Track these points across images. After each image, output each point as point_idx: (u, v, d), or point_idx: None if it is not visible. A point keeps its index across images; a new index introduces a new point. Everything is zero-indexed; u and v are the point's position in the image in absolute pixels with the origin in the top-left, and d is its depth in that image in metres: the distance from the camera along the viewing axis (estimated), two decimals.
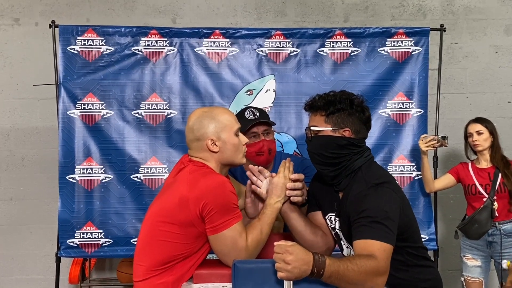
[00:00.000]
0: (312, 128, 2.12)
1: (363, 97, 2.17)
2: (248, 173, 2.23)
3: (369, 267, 1.78)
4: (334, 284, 1.76)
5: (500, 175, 3.72)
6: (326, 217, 2.21)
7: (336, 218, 2.14)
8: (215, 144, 2.10)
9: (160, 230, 2.00)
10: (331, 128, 2.09)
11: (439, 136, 3.72)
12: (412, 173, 3.82)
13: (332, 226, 2.18)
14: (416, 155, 3.82)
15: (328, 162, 2.11)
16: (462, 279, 3.80)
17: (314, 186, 2.30)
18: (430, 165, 3.81)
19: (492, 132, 3.80)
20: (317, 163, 2.15)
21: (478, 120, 3.85)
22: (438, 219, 4.11)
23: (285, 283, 1.68)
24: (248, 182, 2.24)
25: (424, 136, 3.72)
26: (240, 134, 2.17)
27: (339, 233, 2.15)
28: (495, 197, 3.69)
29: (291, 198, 2.18)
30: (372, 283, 1.78)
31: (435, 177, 3.88)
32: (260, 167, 2.24)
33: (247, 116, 2.72)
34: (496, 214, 3.67)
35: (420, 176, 3.81)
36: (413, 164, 3.83)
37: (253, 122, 2.68)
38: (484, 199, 3.70)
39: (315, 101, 2.13)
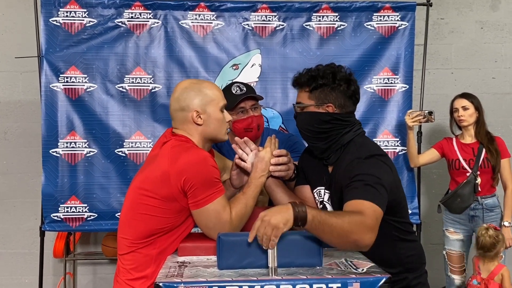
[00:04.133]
0: (297, 104, 2.14)
1: (350, 69, 2.15)
2: (233, 145, 2.23)
3: (355, 218, 1.76)
4: (318, 233, 1.73)
5: (484, 150, 3.76)
6: (315, 191, 2.21)
7: (326, 191, 2.15)
8: (199, 116, 2.08)
9: (142, 203, 1.99)
10: (314, 104, 2.09)
11: (426, 111, 3.74)
12: (396, 148, 3.84)
13: (321, 199, 2.18)
14: (400, 130, 3.85)
15: (317, 137, 2.11)
16: (444, 252, 3.86)
17: (303, 160, 2.30)
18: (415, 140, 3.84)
19: (478, 107, 3.82)
20: (307, 138, 2.17)
21: (464, 95, 3.87)
22: (421, 193, 4.15)
23: (269, 255, 1.69)
24: (236, 155, 2.24)
25: (411, 111, 3.74)
26: (224, 111, 2.15)
27: (327, 205, 2.15)
28: (478, 172, 3.73)
29: (275, 173, 2.17)
30: (357, 235, 1.73)
31: (419, 152, 3.91)
32: (245, 138, 2.23)
33: (234, 92, 2.68)
34: (479, 189, 3.72)
35: (404, 151, 3.84)
36: (398, 139, 3.85)
37: (241, 97, 2.64)
38: (468, 174, 3.74)
39: (300, 76, 2.13)
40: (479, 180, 3.72)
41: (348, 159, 2.03)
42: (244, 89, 2.70)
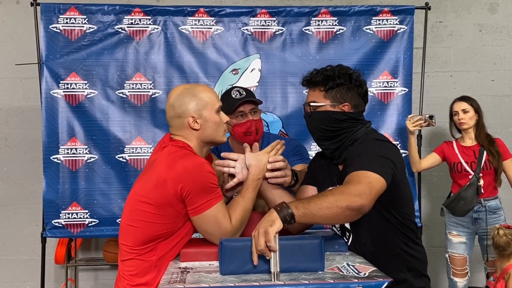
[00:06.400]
0: (311, 104, 2.11)
1: (359, 71, 2.15)
2: (218, 168, 2.19)
3: (339, 188, 1.77)
4: (311, 218, 1.75)
5: (485, 152, 3.76)
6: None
7: None
8: (196, 121, 2.07)
9: (139, 210, 1.99)
10: (330, 103, 2.08)
11: (427, 115, 3.74)
12: None
13: None
14: (400, 133, 3.86)
15: (329, 136, 2.10)
16: (447, 255, 3.85)
17: (314, 161, 2.30)
18: None
19: (477, 110, 3.83)
20: (318, 138, 2.14)
21: (464, 98, 3.87)
22: (422, 196, 4.15)
23: (272, 260, 1.69)
24: (225, 175, 2.23)
25: (412, 116, 3.75)
26: (221, 112, 2.14)
27: None
28: (480, 174, 3.73)
29: (271, 179, 2.15)
30: (345, 201, 1.73)
31: (419, 156, 3.91)
32: (223, 153, 2.22)
33: (233, 96, 2.68)
34: (482, 191, 3.72)
35: (404, 155, 3.84)
36: (398, 142, 3.86)
37: (240, 101, 2.64)
38: (470, 177, 3.74)
39: (313, 76, 2.11)
40: (481, 182, 3.72)
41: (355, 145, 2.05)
42: (244, 93, 2.69)
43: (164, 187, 1.93)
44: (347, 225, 2.06)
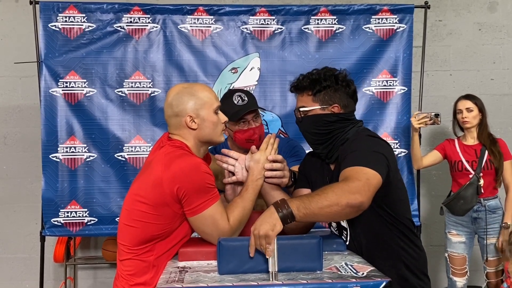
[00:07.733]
0: (301, 109, 2.13)
1: (346, 70, 2.17)
2: (217, 162, 2.21)
3: (338, 185, 1.78)
4: (312, 218, 1.78)
5: (486, 152, 3.75)
6: None
7: None
8: (193, 121, 2.06)
9: (136, 210, 1.99)
10: (319, 107, 2.10)
11: (433, 114, 3.73)
12: (395, 151, 3.84)
13: None
14: (400, 132, 3.85)
15: (322, 139, 2.11)
16: (446, 254, 3.85)
17: (305, 163, 2.30)
18: None
19: (482, 109, 3.81)
20: (312, 142, 2.16)
21: (468, 97, 3.85)
22: (421, 195, 4.15)
23: (270, 259, 1.69)
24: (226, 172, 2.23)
25: (417, 113, 3.74)
26: (219, 112, 2.13)
27: None
28: (481, 174, 3.72)
29: (269, 179, 2.15)
30: (346, 198, 1.74)
31: None
32: (223, 150, 2.22)
33: (235, 102, 2.62)
34: (482, 190, 3.71)
35: (403, 153, 3.84)
36: (397, 141, 3.85)
37: (244, 111, 2.60)
38: (470, 176, 3.73)
39: (300, 81, 2.13)
40: (482, 181, 3.71)
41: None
42: (246, 98, 2.65)
43: (161, 187, 1.93)
44: (344, 224, 2.06)
